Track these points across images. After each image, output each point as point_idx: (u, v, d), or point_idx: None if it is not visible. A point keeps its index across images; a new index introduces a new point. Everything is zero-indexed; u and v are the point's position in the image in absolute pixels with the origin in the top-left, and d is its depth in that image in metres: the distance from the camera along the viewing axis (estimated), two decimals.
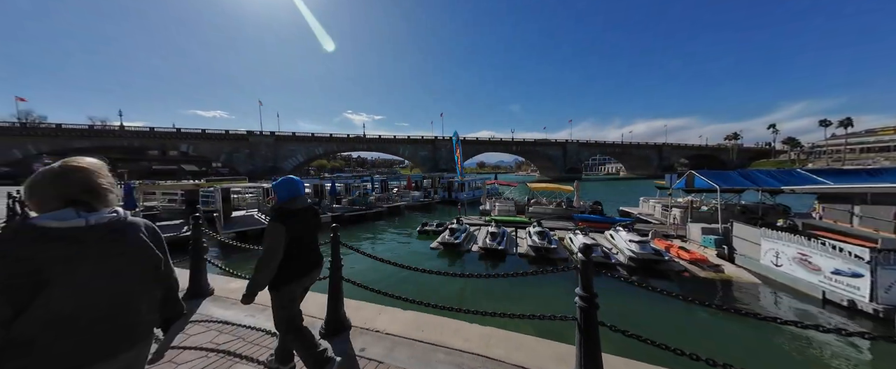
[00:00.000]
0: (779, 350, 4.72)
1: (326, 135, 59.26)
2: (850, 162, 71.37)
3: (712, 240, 9.14)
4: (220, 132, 48.04)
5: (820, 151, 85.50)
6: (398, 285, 6.81)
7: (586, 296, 1.81)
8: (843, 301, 5.68)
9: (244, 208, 14.40)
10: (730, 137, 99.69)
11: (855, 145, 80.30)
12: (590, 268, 1.85)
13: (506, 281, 7.83)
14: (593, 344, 1.82)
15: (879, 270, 5.19)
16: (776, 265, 7.06)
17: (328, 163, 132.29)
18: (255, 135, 50.00)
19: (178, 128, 46.05)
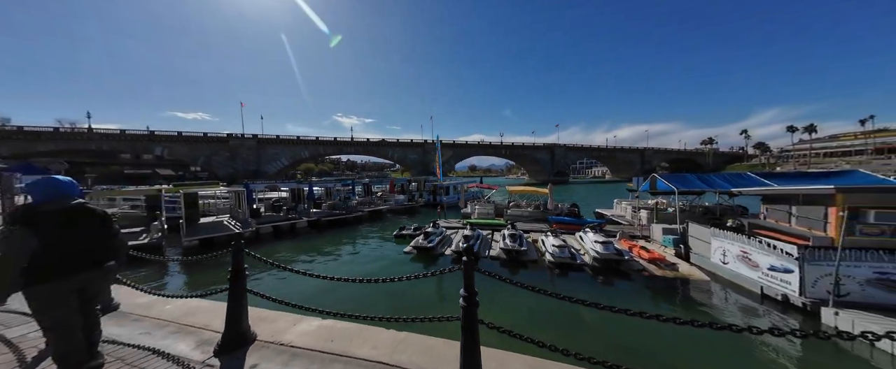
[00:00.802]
0: (708, 347, 4.87)
1: (312, 137, 58.30)
2: (815, 165, 76.10)
3: (671, 239, 9.57)
4: (197, 134, 46.38)
5: (788, 155, 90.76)
6: (343, 293, 6.78)
7: (467, 296, 1.87)
8: (777, 295, 6.07)
9: (215, 214, 13.86)
10: (705, 142, 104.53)
11: (819, 150, 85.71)
12: (471, 269, 1.91)
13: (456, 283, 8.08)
14: (472, 342, 1.88)
15: (806, 266, 5.58)
16: (724, 262, 7.46)
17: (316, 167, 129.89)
18: (236, 137, 48.58)
19: (151, 130, 44.17)
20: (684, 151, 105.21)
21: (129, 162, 56.87)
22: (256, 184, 14.71)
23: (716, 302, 6.72)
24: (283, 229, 13.41)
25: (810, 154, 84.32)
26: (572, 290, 7.53)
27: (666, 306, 6.70)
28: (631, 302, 6.84)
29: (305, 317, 2.87)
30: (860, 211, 5.89)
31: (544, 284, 7.89)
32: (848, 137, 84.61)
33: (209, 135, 47.09)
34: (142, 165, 56.55)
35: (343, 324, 2.79)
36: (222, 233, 11.06)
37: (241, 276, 2.36)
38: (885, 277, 5.12)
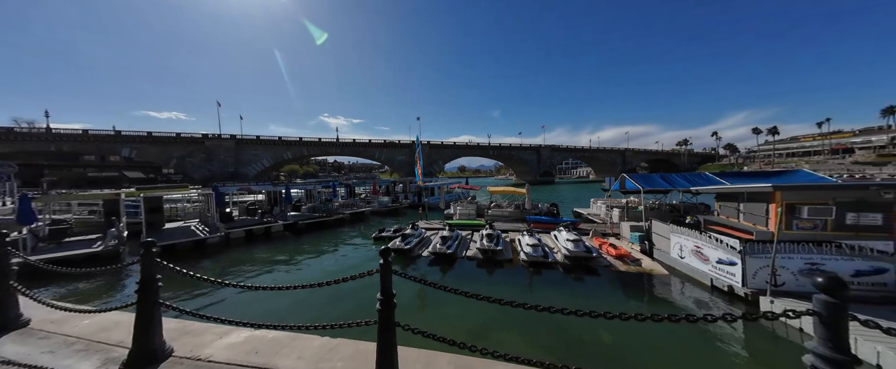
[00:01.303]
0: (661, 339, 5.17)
1: (295, 138, 56.77)
2: (778, 164, 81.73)
3: (637, 236, 10.05)
4: (169, 135, 44.08)
5: (754, 156, 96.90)
6: (295, 301, 6.61)
7: (383, 299, 1.86)
8: (724, 287, 6.51)
9: (183, 218, 13.20)
10: (680, 143, 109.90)
11: (782, 150, 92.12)
12: (388, 272, 1.89)
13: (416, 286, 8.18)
14: (388, 344, 1.87)
15: (748, 259, 6.02)
16: (681, 257, 7.92)
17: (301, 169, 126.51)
18: (212, 138, 46.56)
19: (117, 130, 41.59)
20: (662, 152, 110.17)
21: (93, 164, 53.24)
22: (228, 187, 14.11)
23: (670, 294, 7.12)
24: (257, 234, 12.96)
25: (774, 154, 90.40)
26: (545, 287, 7.78)
27: (627, 299, 7.02)
28: (596, 297, 7.14)
29: (236, 329, 2.72)
30: (796, 207, 6.42)
31: (520, 282, 8.11)
32: (807, 139, 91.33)
33: (182, 135, 44.88)
34: (108, 167, 53.02)
35: (274, 334, 2.70)
36: (186, 238, 10.50)
37: (152, 287, 2.19)
38: (815, 268, 5.61)
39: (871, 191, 6.00)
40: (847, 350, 1.17)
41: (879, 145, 71.98)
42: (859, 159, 69.13)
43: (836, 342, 1.17)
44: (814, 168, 66.68)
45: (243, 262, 9.95)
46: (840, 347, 1.16)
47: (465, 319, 5.81)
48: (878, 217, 5.96)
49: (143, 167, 55.63)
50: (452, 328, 5.45)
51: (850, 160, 69.83)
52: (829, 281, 1.21)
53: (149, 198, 10.83)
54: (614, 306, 6.50)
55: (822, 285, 1.22)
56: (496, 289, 7.68)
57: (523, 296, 7.12)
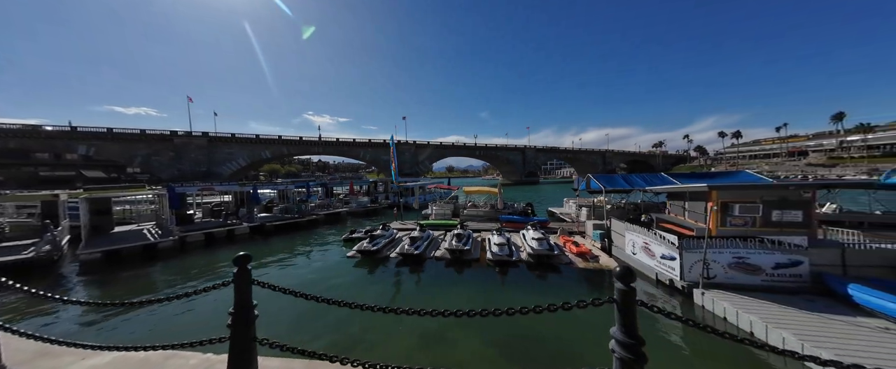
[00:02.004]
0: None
1: (274, 136, 54.82)
2: (741, 166, 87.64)
3: (598, 234, 10.47)
4: (133, 131, 41.23)
5: (721, 157, 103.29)
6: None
7: (236, 313, 1.68)
8: (666, 280, 6.91)
9: (138, 221, 12.36)
10: (656, 145, 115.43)
11: (745, 152, 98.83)
12: (246, 282, 1.67)
13: (384, 286, 8.06)
14: (240, 353, 1.69)
15: (684, 254, 6.42)
16: (633, 253, 8.33)
17: (282, 168, 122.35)
18: (182, 135, 44.04)
19: (73, 125, 38.49)
20: (639, 153, 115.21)
21: (47, 162, 49.10)
22: (187, 187, 13.33)
23: (604, 285, 7.51)
24: (218, 237, 12.33)
25: (738, 156, 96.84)
26: (508, 285, 7.89)
27: (579, 293, 7.27)
28: (549, 293, 7.35)
29: (101, 352, 2.40)
30: (729, 205, 6.92)
31: (483, 281, 8.21)
32: (768, 142, 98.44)
33: (148, 132, 42.10)
34: (64, 166, 49.04)
35: (145, 355, 2.42)
36: (133, 243, 9.73)
37: None
38: (742, 261, 6.06)
39: (791, 191, 6.56)
40: (636, 333, 1.28)
41: (830, 149, 78.74)
42: (812, 161, 75.16)
43: (628, 326, 1.28)
44: (772, 169, 71.97)
45: (194, 269, 9.23)
46: (631, 331, 1.27)
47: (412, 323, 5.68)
48: (799, 214, 6.53)
49: (104, 166, 51.86)
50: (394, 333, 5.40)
51: (804, 162, 75.78)
52: (623, 271, 1.32)
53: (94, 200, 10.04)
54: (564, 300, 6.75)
55: (618, 274, 1.33)
56: (461, 288, 7.74)
57: (484, 295, 7.28)
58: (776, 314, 4.82)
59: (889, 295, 4.55)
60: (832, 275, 5.45)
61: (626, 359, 1.23)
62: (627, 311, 1.27)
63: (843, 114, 76.17)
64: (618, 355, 1.27)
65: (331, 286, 7.93)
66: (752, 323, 4.79)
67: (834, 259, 5.64)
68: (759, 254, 5.94)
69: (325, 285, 8.00)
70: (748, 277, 5.97)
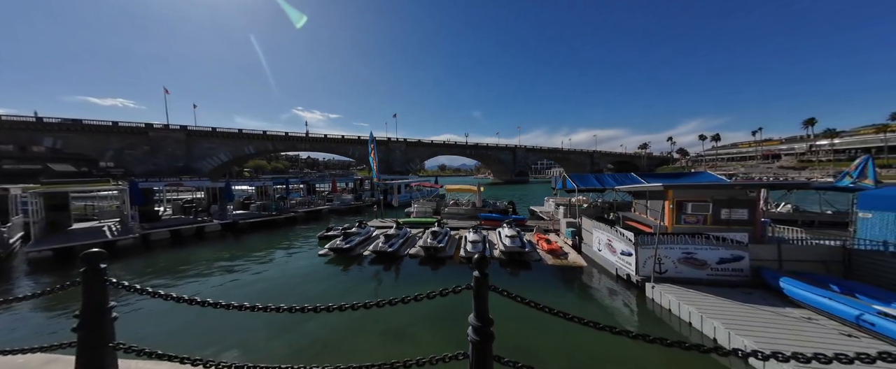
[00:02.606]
0: None
1: (258, 131, 53.36)
2: (720, 168, 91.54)
3: (570, 232, 10.77)
4: (104, 123, 39.26)
5: (702, 159, 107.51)
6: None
7: (83, 317, 1.51)
8: (625, 275, 7.20)
9: (101, 218, 11.78)
10: (641, 147, 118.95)
11: (724, 155, 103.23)
12: (98, 282, 1.52)
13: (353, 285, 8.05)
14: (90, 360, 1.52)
15: (639, 250, 6.71)
16: (599, 250, 8.62)
17: (269, 165, 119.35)
18: (158, 128, 42.25)
19: (39, 116, 36.29)
20: (626, 154, 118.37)
21: (11, 155, 46.16)
22: (153, 182, 12.81)
23: (578, 281, 7.71)
24: (186, 234, 11.89)
25: (717, 158, 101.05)
26: (494, 281, 7.99)
27: (545, 288, 7.44)
28: (523, 287, 7.44)
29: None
30: (683, 203, 7.26)
31: (455, 278, 8.32)
32: (744, 145, 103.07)
33: (121, 124, 40.17)
34: (30, 159, 46.24)
35: (24, 360, 2.18)
36: (90, 240, 9.23)
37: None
38: (690, 256, 6.39)
39: (738, 191, 6.95)
40: (485, 315, 1.37)
41: (800, 152, 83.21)
42: (784, 164, 79.16)
43: (480, 310, 1.37)
44: (747, 171, 75.53)
45: (149, 269, 8.74)
46: (481, 315, 1.36)
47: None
48: (745, 212, 6.93)
49: (75, 160, 49.23)
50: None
51: (776, 165, 79.73)
52: (478, 261, 1.41)
53: (49, 194, 9.52)
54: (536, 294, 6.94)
55: (474, 265, 1.41)
56: (431, 285, 7.78)
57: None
58: (712, 305, 5.12)
59: (814, 287, 4.91)
60: (769, 269, 5.82)
61: (475, 342, 1.31)
62: (481, 296, 1.36)
63: (813, 120, 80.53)
64: (470, 338, 1.35)
65: (297, 285, 7.83)
66: (691, 313, 5.08)
67: (771, 254, 6.02)
68: (706, 250, 6.27)
69: (291, 284, 7.90)
70: (695, 271, 6.30)
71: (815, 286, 4.98)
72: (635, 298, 6.56)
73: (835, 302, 4.41)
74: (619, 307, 6.33)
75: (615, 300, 6.63)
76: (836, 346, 3.80)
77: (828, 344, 3.79)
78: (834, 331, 4.16)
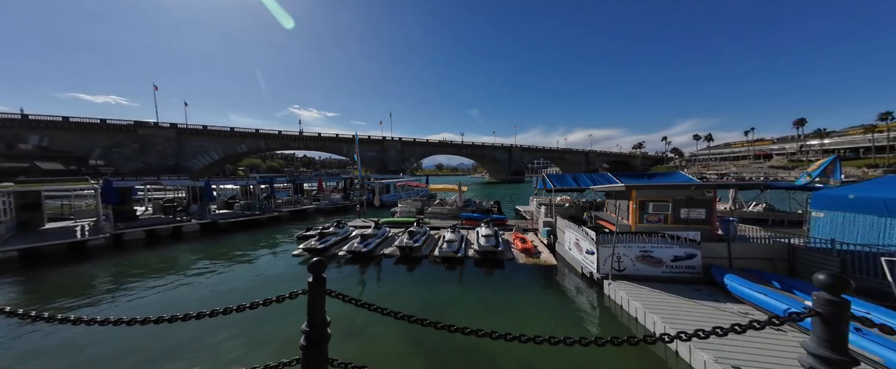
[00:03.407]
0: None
1: (251, 130, 53.05)
2: (713, 167, 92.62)
3: (546, 231, 10.92)
4: (92, 120, 38.83)
5: (695, 159, 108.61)
6: None
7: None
8: (588, 273, 7.36)
9: (76, 217, 11.67)
10: (636, 147, 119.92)
11: (717, 155, 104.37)
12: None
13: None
14: None
15: (600, 248, 6.86)
16: (569, 249, 8.78)
17: (263, 163, 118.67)
18: (148, 126, 41.86)
19: (24, 113, 35.81)
20: (621, 154, 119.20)
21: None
22: (130, 181, 12.75)
23: (544, 279, 7.82)
24: (163, 234, 11.81)
25: (710, 158, 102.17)
26: (454, 281, 7.91)
27: (519, 286, 7.48)
28: (496, 285, 7.52)
29: None
30: (645, 203, 7.43)
31: (436, 276, 8.29)
32: (737, 145, 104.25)
33: (109, 121, 39.75)
34: (16, 157, 45.58)
35: None
36: (58, 241, 9.09)
37: None
38: (647, 254, 6.55)
39: (696, 191, 7.12)
40: (320, 318, 1.45)
41: (791, 152, 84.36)
42: (775, 164, 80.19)
43: (313, 315, 1.45)
44: (739, 170, 76.45)
45: (115, 269, 8.44)
46: (315, 316, 1.45)
47: None
48: (703, 212, 7.10)
49: (64, 158, 48.65)
50: None
51: (768, 165, 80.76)
52: (313, 263, 1.50)
53: (20, 193, 9.46)
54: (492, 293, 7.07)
55: (310, 265, 1.50)
56: (404, 284, 7.81)
57: (425, 290, 7.35)
58: (658, 301, 5.27)
59: (754, 284, 5.08)
60: (718, 266, 5.99)
61: (305, 347, 1.36)
62: (314, 302, 1.43)
63: (804, 120, 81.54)
64: (300, 344, 1.38)
65: (262, 286, 7.77)
66: (637, 309, 5.23)
67: (722, 252, 6.19)
68: (661, 248, 6.43)
69: (257, 285, 7.84)
70: (651, 269, 6.46)
71: (756, 283, 5.15)
72: (596, 295, 6.71)
73: (768, 297, 4.58)
74: (579, 303, 6.46)
75: (576, 297, 6.77)
76: (761, 339, 3.95)
77: (752, 337, 3.94)
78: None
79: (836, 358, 1.06)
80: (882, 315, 3.85)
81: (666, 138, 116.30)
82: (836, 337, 1.08)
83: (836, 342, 1.08)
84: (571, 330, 5.33)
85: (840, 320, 1.06)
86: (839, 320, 1.06)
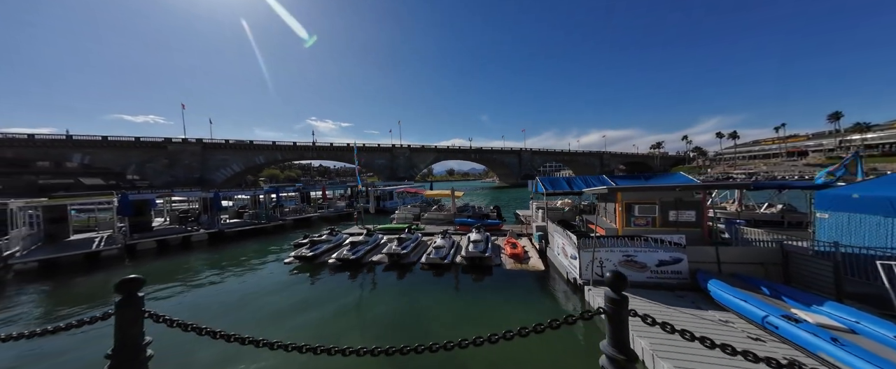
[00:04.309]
0: None
1: (268, 142, 55.89)
2: (740, 166, 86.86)
3: (538, 236, 10.67)
4: (127, 139, 42.48)
5: (720, 158, 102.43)
6: None
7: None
8: (572, 279, 7.11)
9: (98, 229, 12.62)
10: (654, 147, 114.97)
11: (744, 153, 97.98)
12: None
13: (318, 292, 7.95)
14: None
15: (581, 253, 6.64)
16: (558, 254, 8.54)
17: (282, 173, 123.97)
18: (176, 142, 45.20)
19: (69, 134, 39.74)
20: (638, 155, 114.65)
21: (47, 170, 50.60)
22: (145, 194, 13.81)
23: (527, 285, 7.59)
24: (173, 243, 12.44)
25: (736, 157, 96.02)
26: (438, 287, 7.84)
27: (503, 293, 7.31)
28: (477, 292, 7.44)
29: None
30: (631, 205, 7.15)
31: (423, 283, 8.21)
32: (767, 142, 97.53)
33: (142, 139, 43.33)
34: (63, 174, 50.50)
35: None
36: (78, 251, 9.72)
37: None
38: (630, 259, 6.27)
39: (684, 192, 6.78)
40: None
41: (829, 148, 77.82)
42: (811, 161, 74.19)
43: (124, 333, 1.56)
44: (770, 170, 71.27)
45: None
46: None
47: None
48: (693, 214, 6.74)
49: (104, 174, 53.27)
50: None
51: (802, 162, 74.85)
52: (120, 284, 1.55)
53: (48, 208, 10.45)
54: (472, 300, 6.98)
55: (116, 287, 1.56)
56: (390, 292, 7.68)
57: (410, 297, 7.24)
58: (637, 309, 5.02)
59: (735, 290, 4.74)
60: (704, 271, 5.63)
61: None
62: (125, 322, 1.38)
63: (839, 114, 75.47)
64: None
65: (254, 295, 7.79)
66: None
67: (710, 256, 5.82)
68: (645, 253, 6.14)
69: (249, 294, 7.86)
70: (636, 274, 6.16)
71: (740, 288, 4.81)
72: (579, 301, 6.48)
73: (748, 304, 4.26)
74: (562, 311, 6.25)
75: (560, 304, 6.54)
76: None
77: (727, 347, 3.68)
78: (742, 334, 4.02)
79: (618, 356, 1.04)
80: (870, 323, 3.49)
81: (686, 137, 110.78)
82: (619, 334, 1.06)
83: (619, 338, 1.06)
84: (547, 339, 5.15)
85: (620, 318, 1.04)
86: (619, 317, 1.04)
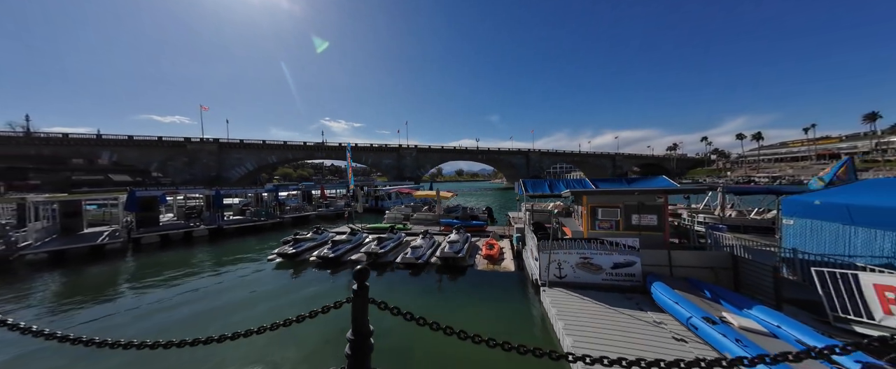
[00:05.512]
0: None
1: (279, 142, 58.05)
2: (764, 169, 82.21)
3: (517, 237, 10.75)
4: (150, 138, 45.39)
5: (743, 160, 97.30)
6: None
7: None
8: (536, 279, 7.21)
9: (110, 223, 13.43)
10: (670, 148, 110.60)
11: (770, 155, 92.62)
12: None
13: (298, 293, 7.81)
14: None
15: (541, 254, 6.73)
16: (528, 256, 8.63)
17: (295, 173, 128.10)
18: (194, 142, 47.82)
19: (99, 133, 42.88)
20: (653, 156, 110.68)
21: (81, 167, 54.72)
22: (152, 190, 14.88)
23: (491, 285, 7.73)
24: (175, 238, 13.13)
25: (760, 159, 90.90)
26: (410, 287, 7.99)
27: (472, 292, 7.51)
28: (451, 292, 7.55)
29: None
30: (596, 209, 7.18)
31: (400, 283, 8.43)
32: (795, 144, 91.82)
33: (164, 139, 46.15)
34: (95, 171, 54.51)
35: None
36: (82, 244, 10.33)
37: None
38: (586, 261, 6.31)
39: (646, 196, 6.75)
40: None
41: (864, 151, 72.42)
42: None
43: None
44: (796, 173, 67.10)
45: (118, 270, 9.16)
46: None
47: None
48: (654, 218, 6.70)
49: (131, 171, 57.05)
50: None
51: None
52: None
53: (64, 203, 11.49)
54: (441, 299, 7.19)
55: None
56: (370, 287, 7.83)
57: (374, 296, 7.50)
58: (574, 308, 5.09)
59: (675, 293, 4.74)
60: (654, 274, 5.62)
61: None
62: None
63: (876, 115, 70.14)
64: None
65: (234, 290, 7.93)
66: (554, 316, 5.11)
67: (662, 260, 5.80)
68: (601, 255, 6.18)
69: (233, 288, 8.06)
70: (591, 276, 6.21)
71: (682, 292, 4.81)
72: (538, 302, 6.56)
73: (679, 306, 4.28)
74: (520, 311, 6.24)
75: (520, 304, 6.59)
76: (655, 348, 3.74)
77: (647, 346, 3.75)
78: (668, 335, 4.05)
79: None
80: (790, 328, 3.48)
81: (706, 138, 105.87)
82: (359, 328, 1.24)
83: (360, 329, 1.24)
84: (502, 337, 5.28)
85: (362, 312, 1.24)
86: (361, 312, 1.24)
